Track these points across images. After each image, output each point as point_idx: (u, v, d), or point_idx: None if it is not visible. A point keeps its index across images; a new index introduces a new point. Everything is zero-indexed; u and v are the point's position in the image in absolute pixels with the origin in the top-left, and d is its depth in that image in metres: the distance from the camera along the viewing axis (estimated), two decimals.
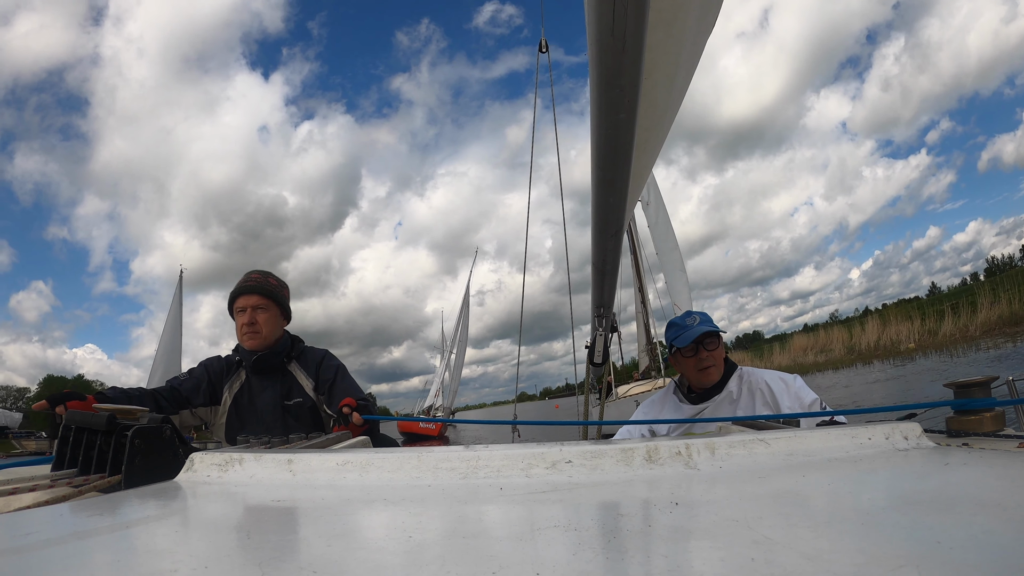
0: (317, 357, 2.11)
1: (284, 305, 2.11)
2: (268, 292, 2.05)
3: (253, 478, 0.77)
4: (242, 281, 2.09)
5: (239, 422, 2.02)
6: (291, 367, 2.08)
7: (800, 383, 1.87)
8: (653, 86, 1.11)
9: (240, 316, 2.02)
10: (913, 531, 0.41)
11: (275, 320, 2.06)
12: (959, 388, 0.92)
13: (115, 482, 0.83)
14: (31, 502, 0.73)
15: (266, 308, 2.04)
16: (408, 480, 0.70)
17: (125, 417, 0.95)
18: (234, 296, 2.06)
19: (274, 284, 2.10)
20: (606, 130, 1.01)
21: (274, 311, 2.06)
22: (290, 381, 2.06)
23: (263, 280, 2.09)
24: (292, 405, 2.02)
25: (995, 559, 0.35)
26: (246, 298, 2.03)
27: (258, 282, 2.07)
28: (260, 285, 2.06)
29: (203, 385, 2.02)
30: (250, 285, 2.05)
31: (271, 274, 2.15)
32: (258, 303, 2.02)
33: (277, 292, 2.09)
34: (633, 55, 0.82)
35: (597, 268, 1.86)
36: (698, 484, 0.62)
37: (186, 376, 2.06)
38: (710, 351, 1.92)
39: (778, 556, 0.37)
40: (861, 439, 0.73)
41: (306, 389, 2.04)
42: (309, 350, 2.15)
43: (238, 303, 2.04)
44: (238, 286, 2.07)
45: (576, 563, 0.39)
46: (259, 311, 2.02)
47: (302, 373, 2.06)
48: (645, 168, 1.65)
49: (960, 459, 0.64)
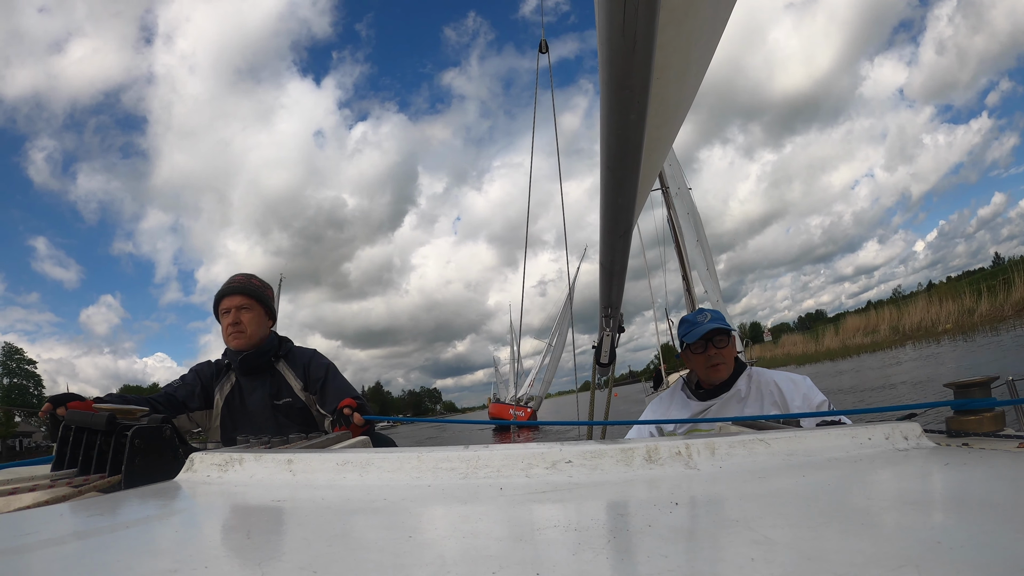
0: (305, 357, 2.13)
1: (268, 305, 2.14)
2: (252, 292, 2.08)
3: (253, 478, 0.76)
4: (226, 284, 2.12)
5: (232, 423, 2.05)
6: (279, 367, 2.10)
7: (809, 384, 1.88)
8: (664, 86, 1.11)
9: (225, 317, 2.05)
10: (913, 531, 0.41)
11: (260, 320, 2.08)
12: (959, 388, 0.92)
13: (115, 482, 0.83)
14: (31, 502, 0.73)
15: (250, 308, 2.06)
16: (408, 480, 0.70)
17: (125, 417, 0.95)
18: (218, 298, 2.09)
19: (257, 285, 2.13)
20: (616, 131, 1.01)
21: (258, 311, 2.08)
22: (279, 381, 2.08)
23: (246, 281, 2.12)
24: (282, 405, 2.05)
25: (995, 559, 0.35)
26: (230, 299, 2.05)
27: (242, 283, 2.10)
28: (244, 286, 2.09)
29: (197, 389, 2.05)
30: (234, 286, 2.08)
31: (254, 276, 2.19)
32: (242, 303, 2.05)
33: (260, 292, 2.12)
34: (643, 55, 0.81)
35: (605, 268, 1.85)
36: (698, 484, 0.62)
37: (179, 382, 2.09)
38: (719, 348, 1.94)
39: (778, 556, 0.37)
40: (861, 439, 0.73)
41: (295, 389, 2.06)
42: (297, 350, 2.18)
43: (223, 304, 2.06)
44: (221, 288, 2.10)
45: (576, 563, 0.39)
46: (243, 311, 2.04)
47: (290, 373, 2.09)
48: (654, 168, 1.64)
49: (960, 459, 0.64)
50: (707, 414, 1.94)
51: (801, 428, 0.88)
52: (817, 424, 1.09)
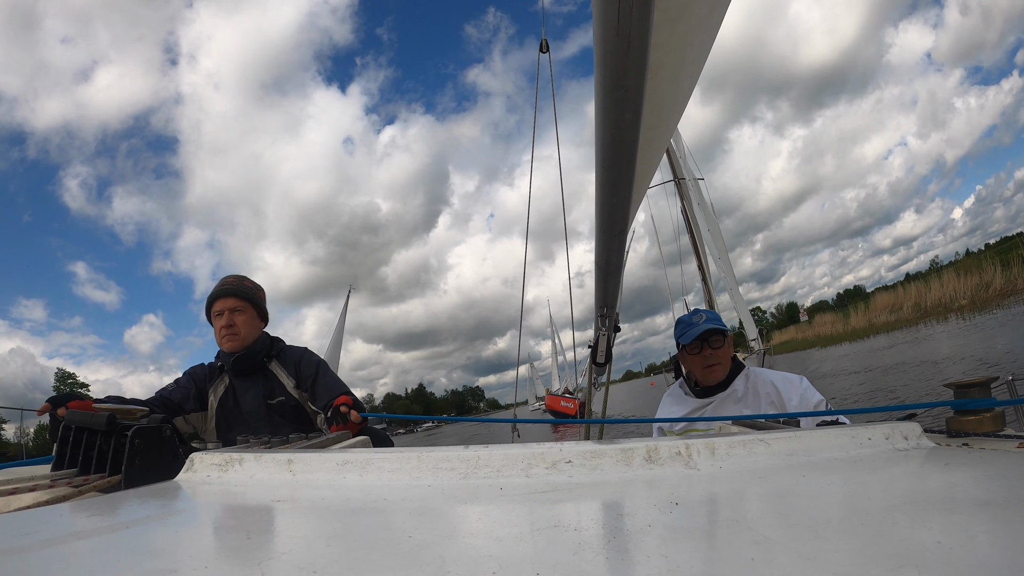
0: (296, 355, 2.14)
1: (261, 307, 2.15)
2: (244, 294, 2.09)
3: (253, 478, 0.76)
4: (218, 286, 2.12)
5: (227, 425, 2.06)
6: (271, 366, 2.11)
7: (806, 384, 1.88)
8: (659, 85, 1.11)
9: (218, 320, 2.05)
10: (913, 531, 0.41)
11: (252, 321, 2.09)
12: (959, 388, 0.92)
13: (115, 482, 0.83)
14: (31, 502, 0.73)
15: (243, 310, 2.06)
16: (408, 480, 0.70)
17: (125, 417, 0.95)
18: (211, 300, 2.09)
19: (249, 287, 2.14)
20: (611, 130, 1.01)
21: (251, 312, 2.09)
22: (271, 380, 2.09)
23: (239, 283, 2.12)
24: (275, 404, 2.05)
25: (995, 559, 0.35)
26: (223, 301, 2.06)
27: (234, 285, 2.10)
28: (236, 288, 2.09)
29: (191, 391, 2.06)
30: (226, 288, 2.08)
31: (246, 278, 2.20)
32: (235, 305, 2.05)
33: (253, 294, 2.12)
34: (638, 55, 0.81)
35: (601, 268, 1.85)
36: (698, 484, 0.62)
37: (173, 386, 2.10)
38: (715, 349, 1.94)
39: (778, 556, 0.37)
40: (861, 439, 0.73)
41: (287, 387, 2.07)
42: (288, 348, 2.19)
43: (215, 307, 2.07)
44: (214, 291, 2.11)
45: (576, 563, 0.39)
46: (236, 313, 2.05)
47: (282, 372, 2.10)
48: (650, 167, 1.64)
49: (960, 459, 0.64)
50: (704, 411, 1.95)
51: (801, 428, 0.88)
52: (817, 424, 1.09)
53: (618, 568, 0.38)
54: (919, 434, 0.75)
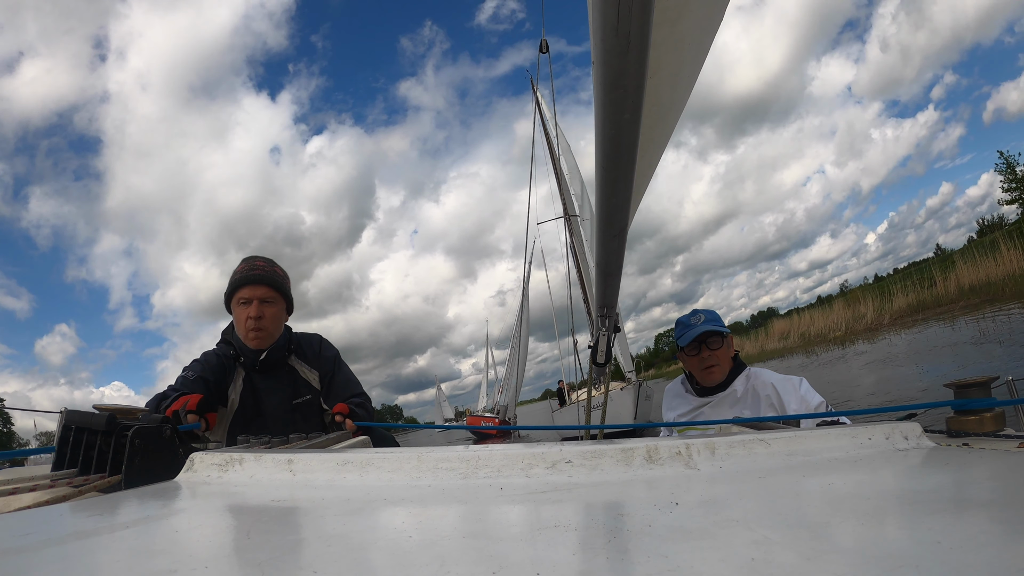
0: (314, 345, 1.94)
1: (290, 299, 1.91)
2: (278, 284, 1.81)
3: (253, 478, 0.77)
4: (246, 268, 1.81)
5: (244, 425, 1.84)
6: (291, 361, 1.90)
7: (806, 386, 1.88)
8: (658, 85, 1.11)
9: (243, 308, 1.76)
10: (913, 531, 0.41)
11: (281, 316, 1.85)
12: (959, 388, 0.92)
13: (115, 482, 0.83)
14: (31, 502, 0.73)
15: (274, 302, 1.79)
16: (408, 480, 0.70)
17: (125, 417, 0.95)
18: (237, 285, 1.78)
19: (281, 275, 1.87)
20: (610, 130, 1.01)
21: (281, 306, 1.84)
22: (295, 378, 1.88)
23: (271, 270, 1.83)
24: (302, 404, 1.87)
25: (995, 559, 0.35)
26: (252, 288, 1.75)
27: (265, 271, 1.80)
28: (270, 275, 1.80)
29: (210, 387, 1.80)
30: (257, 274, 1.78)
31: (276, 262, 1.90)
32: (266, 295, 1.76)
33: (285, 285, 1.87)
34: (638, 54, 0.81)
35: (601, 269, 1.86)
36: (698, 484, 0.62)
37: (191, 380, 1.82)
38: (713, 350, 1.94)
39: (778, 556, 0.37)
40: (861, 439, 0.73)
41: (312, 383, 1.88)
42: (303, 338, 1.97)
43: (242, 293, 1.77)
44: (243, 274, 1.79)
45: (576, 563, 0.39)
46: (267, 305, 1.77)
47: (304, 366, 1.90)
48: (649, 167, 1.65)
49: (960, 459, 0.64)
50: (703, 410, 1.96)
51: (801, 428, 0.88)
52: (817, 424, 1.09)
53: (618, 568, 0.38)
54: (919, 434, 0.75)
